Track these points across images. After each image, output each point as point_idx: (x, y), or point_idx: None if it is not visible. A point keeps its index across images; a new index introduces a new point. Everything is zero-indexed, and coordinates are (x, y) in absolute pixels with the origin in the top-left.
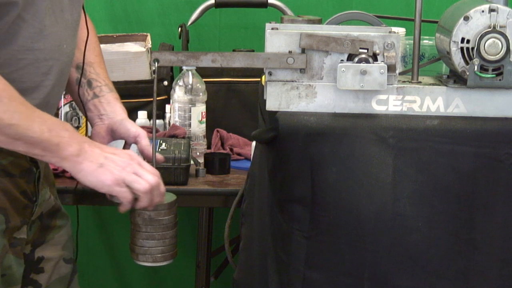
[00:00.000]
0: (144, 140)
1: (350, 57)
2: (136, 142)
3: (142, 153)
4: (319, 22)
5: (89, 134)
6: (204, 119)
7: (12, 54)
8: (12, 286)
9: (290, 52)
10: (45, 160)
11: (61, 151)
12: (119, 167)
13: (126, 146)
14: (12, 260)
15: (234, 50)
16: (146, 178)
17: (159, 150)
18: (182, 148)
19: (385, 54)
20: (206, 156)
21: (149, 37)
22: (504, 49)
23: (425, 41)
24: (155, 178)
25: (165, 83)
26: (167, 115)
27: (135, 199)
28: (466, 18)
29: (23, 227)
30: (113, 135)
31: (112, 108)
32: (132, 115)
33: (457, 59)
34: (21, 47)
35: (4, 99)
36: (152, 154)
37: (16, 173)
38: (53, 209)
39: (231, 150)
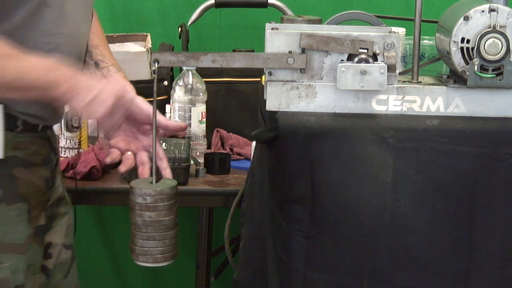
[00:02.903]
0: (159, 116)
1: (350, 57)
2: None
3: (166, 128)
4: (319, 22)
5: (89, 134)
6: (204, 119)
7: (37, 39)
8: (35, 274)
9: (290, 52)
10: (41, 100)
11: (55, 90)
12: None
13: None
14: (36, 249)
15: (234, 50)
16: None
17: None
18: (182, 148)
19: (385, 54)
20: (206, 156)
21: (149, 37)
22: (504, 49)
23: (425, 41)
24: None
25: (165, 83)
26: (167, 115)
27: None
28: (466, 18)
29: (42, 214)
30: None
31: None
32: None
33: (457, 59)
34: (45, 32)
35: None
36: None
37: (38, 161)
38: (60, 197)
39: (231, 150)
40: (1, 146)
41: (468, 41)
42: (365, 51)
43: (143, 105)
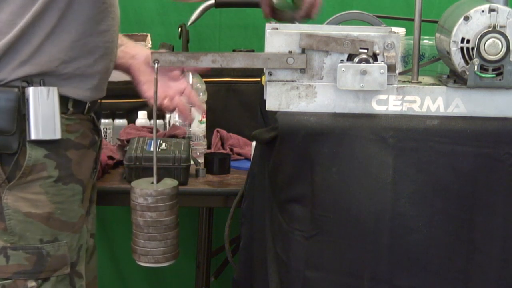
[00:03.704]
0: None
1: (350, 57)
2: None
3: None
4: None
5: None
6: (204, 119)
7: (104, 7)
8: (83, 252)
9: (290, 52)
10: None
11: None
12: None
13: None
14: (85, 230)
15: (234, 50)
16: None
17: (159, 150)
18: (182, 148)
19: (385, 54)
20: (206, 156)
21: (149, 37)
22: (504, 49)
23: (425, 41)
24: None
25: None
26: (167, 115)
27: None
28: (466, 18)
29: (89, 196)
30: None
31: (139, 49)
32: (132, 115)
33: (457, 59)
34: (109, 5)
35: None
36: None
37: (86, 144)
38: (94, 182)
39: (231, 150)
40: (58, 126)
41: (468, 41)
42: (365, 51)
43: None
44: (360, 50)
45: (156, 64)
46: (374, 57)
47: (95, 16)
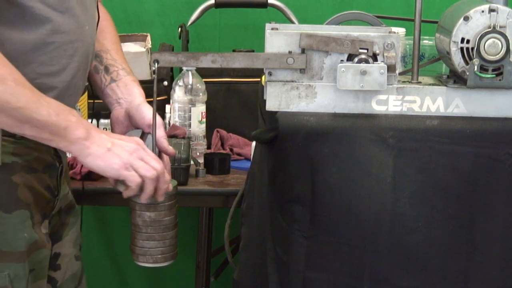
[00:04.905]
0: (159, 130)
1: (350, 57)
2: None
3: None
4: None
5: None
6: (204, 119)
7: (41, 38)
8: (40, 279)
9: (290, 52)
10: (53, 145)
11: (69, 135)
12: (126, 152)
13: (144, 136)
14: (45, 254)
15: (234, 50)
16: (153, 164)
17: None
18: (182, 148)
19: (385, 54)
20: (206, 156)
21: (149, 37)
22: (504, 49)
23: (425, 41)
24: (161, 165)
25: (165, 83)
26: (167, 115)
27: (141, 187)
28: (466, 18)
29: (45, 221)
30: (130, 120)
31: (129, 91)
32: None
33: (457, 59)
34: (49, 31)
35: (10, 82)
36: (163, 145)
37: (39, 168)
38: (70, 205)
39: (231, 150)
40: None
41: (468, 41)
42: (365, 51)
43: (147, 115)
44: (360, 50)
45: (156, 64)
46: (374, 57)
47: (34, 59)
